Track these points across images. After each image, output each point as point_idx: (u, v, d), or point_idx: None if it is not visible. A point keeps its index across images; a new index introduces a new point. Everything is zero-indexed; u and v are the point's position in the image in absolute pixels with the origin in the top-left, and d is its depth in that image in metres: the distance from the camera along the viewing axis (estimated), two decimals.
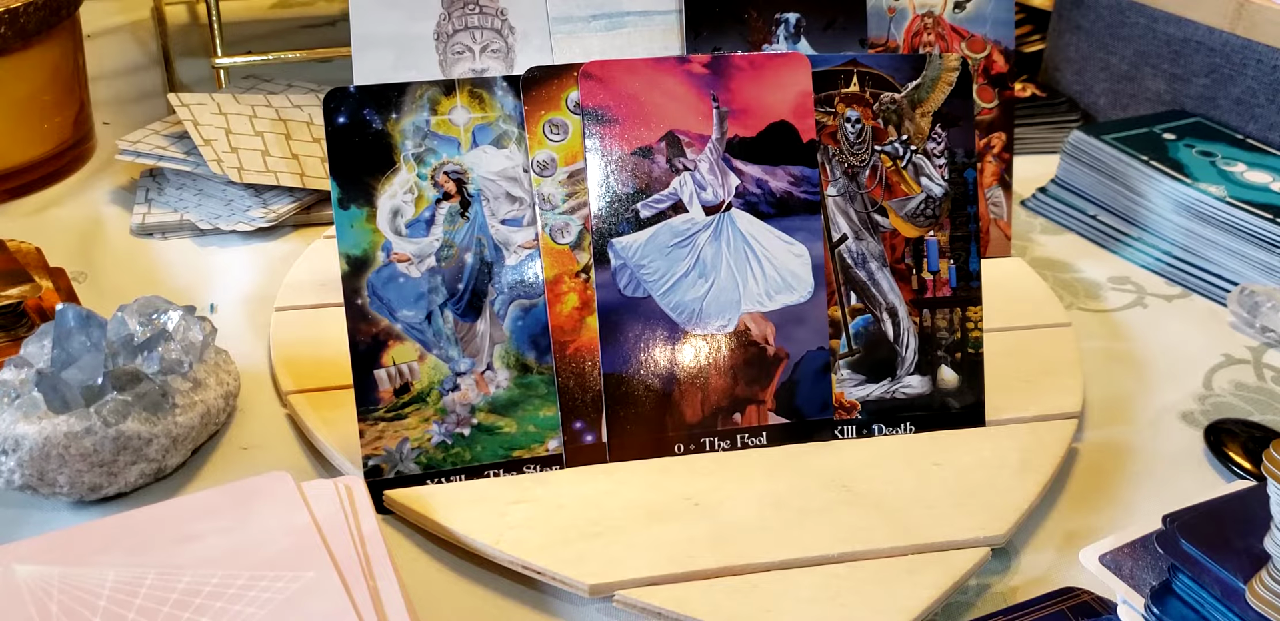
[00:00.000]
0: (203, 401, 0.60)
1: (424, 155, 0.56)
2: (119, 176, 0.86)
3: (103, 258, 0.78)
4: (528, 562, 0.52)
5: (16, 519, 0.58)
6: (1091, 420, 0.65)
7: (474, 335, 0.58)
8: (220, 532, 0.50)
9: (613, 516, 0.55)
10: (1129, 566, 0.47)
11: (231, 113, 0.84)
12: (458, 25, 0.72)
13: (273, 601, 0.47)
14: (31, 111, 0.82)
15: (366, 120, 0.56)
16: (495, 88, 0.57)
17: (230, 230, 0.79)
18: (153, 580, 0.48)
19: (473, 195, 0.57)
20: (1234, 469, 0.61)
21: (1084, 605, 0.51)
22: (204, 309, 0.73)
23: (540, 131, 0.57)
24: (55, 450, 0.55)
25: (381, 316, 0.56)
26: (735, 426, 0.59)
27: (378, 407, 0.57)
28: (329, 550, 0.49)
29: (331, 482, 0.53)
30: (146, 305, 0.60)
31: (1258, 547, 0.43)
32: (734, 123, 0.58)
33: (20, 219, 0.82)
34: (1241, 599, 0.42)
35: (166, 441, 0.58)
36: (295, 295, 0.72)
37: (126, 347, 0.58)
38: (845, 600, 0.51)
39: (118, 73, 1.00)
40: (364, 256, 0.56)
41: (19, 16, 0.78)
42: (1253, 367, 0.70)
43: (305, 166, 0.81)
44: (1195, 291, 0.77)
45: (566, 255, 0.58)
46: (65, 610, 0.46)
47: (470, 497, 0.56)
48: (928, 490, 0.57)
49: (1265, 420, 0.66)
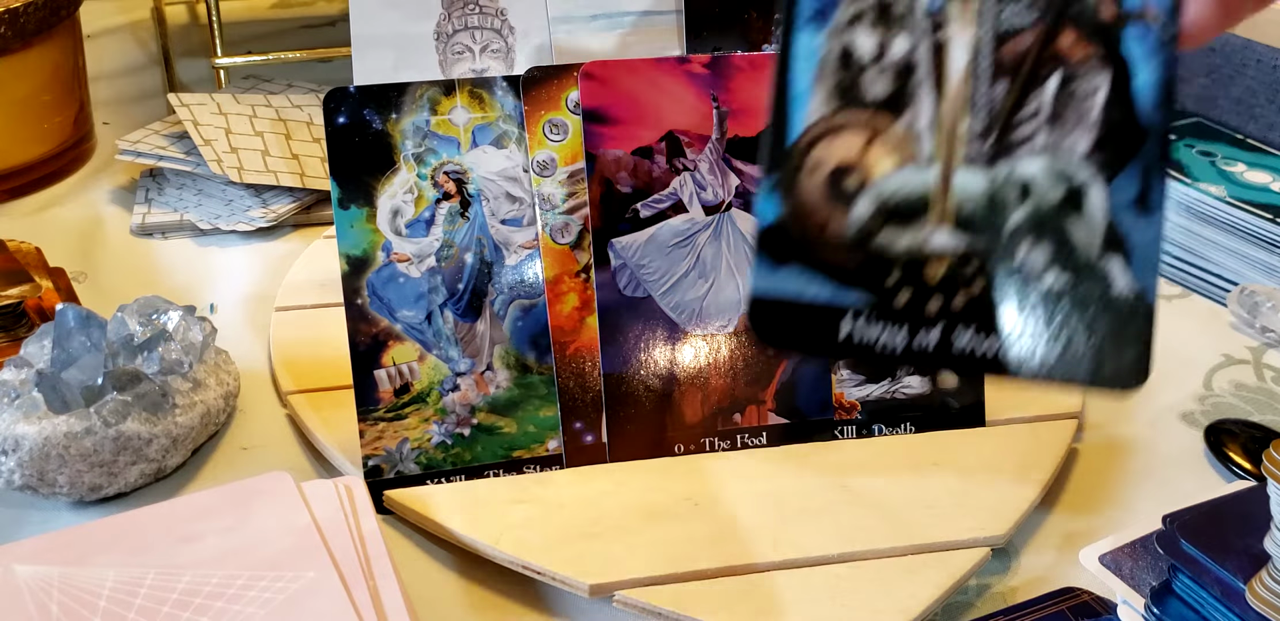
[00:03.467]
0: (203, 401, 0.60)
1: (424, 155, 0.56)
2: (119, 176, 0.86)
3: (103, 258, 0.78)
4: (528, 563, 0.52)
5: (16, 519, 0.57)
6: (1091, 420, 0.65)
7: (474, 335, 0.58)
8: (220, 533, 0.50)
9: (613, 516, 0.55)
10: (1129, 566, 0.47)
11: (231, 113, 0.84)
12: (458, 25, 0.72)
13: (273, 601, 0.47)
14: (31, 111, 0.82)
15: (366, 120, 0.56)
16: (495, 88, 0.57)
17: (230, 230, 0.79)
18: (153, 580, 0.48)
19: (473, 195, 0.57)
20: (1234, 469, 0.61)
21: (1084, 605, 0.51)
22: (204, 309, 0.73)
23: (540, 131, 0.57)
24: (55, 450, 0.55)
25: (381, 316, 0.56)
26: (735, 426, 0.59)
27: (378, 408, 0.57)
28: (329, 550, 0.49)
29: (331, 482, 0.53)
30: (146, 305, 0.60)
31: (1258, 547, 0.43)
32: (734, 123, 0.58)
33: (20, 219, 0.82)
34: (1242, 599, 0.42)
35: (166, 441, 0.58)
36: (295, 295, 0.71)
37: (126, 348, 0.58)
38: (845, 600, 0.51)
39: (117, 73, 1.00)
40: (364, 256, 0.56)
41: (19, 16, 0.78)
42: (1253, 368, 0.70)
43: (305, 166, 0.81)
44: (1195, 291, 0.77)
45: (566, 255, 0.58)
46: (65, 610, 0.46)
47: (470, 498, 0.56)
48: (928, 490, 0.57)
49: (1265, 420, 0.66)
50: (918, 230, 0.33)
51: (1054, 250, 0.33)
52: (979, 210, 0.33)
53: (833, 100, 0.33)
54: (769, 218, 0.33)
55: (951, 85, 0.33)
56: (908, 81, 0.33)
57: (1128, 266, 0.33)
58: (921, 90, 0.33)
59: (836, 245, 0.33)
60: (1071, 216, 0.33)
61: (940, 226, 0.33)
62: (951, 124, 0.33)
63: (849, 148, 0.33)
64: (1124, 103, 0.33)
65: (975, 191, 0.33)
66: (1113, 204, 0.33)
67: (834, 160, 0.33)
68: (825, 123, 0.33)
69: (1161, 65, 0.33)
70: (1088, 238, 0.33)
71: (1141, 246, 0.33)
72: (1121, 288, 0.33)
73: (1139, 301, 0.33)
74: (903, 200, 0.33)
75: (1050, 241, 0.33)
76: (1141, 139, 0.33)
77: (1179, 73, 0.34)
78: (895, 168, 0.33)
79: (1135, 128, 0.33)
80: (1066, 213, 0.33)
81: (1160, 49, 0.33)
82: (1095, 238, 0.33)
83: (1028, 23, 0.33)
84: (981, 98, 0.33)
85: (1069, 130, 0.33)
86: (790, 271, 0.33)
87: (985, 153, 0.33)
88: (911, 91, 0.33)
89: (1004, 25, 0.33)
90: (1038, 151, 0.33)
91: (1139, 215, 0.33)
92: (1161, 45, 0.33)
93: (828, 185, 0.33)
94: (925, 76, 0.33)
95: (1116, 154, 0.33)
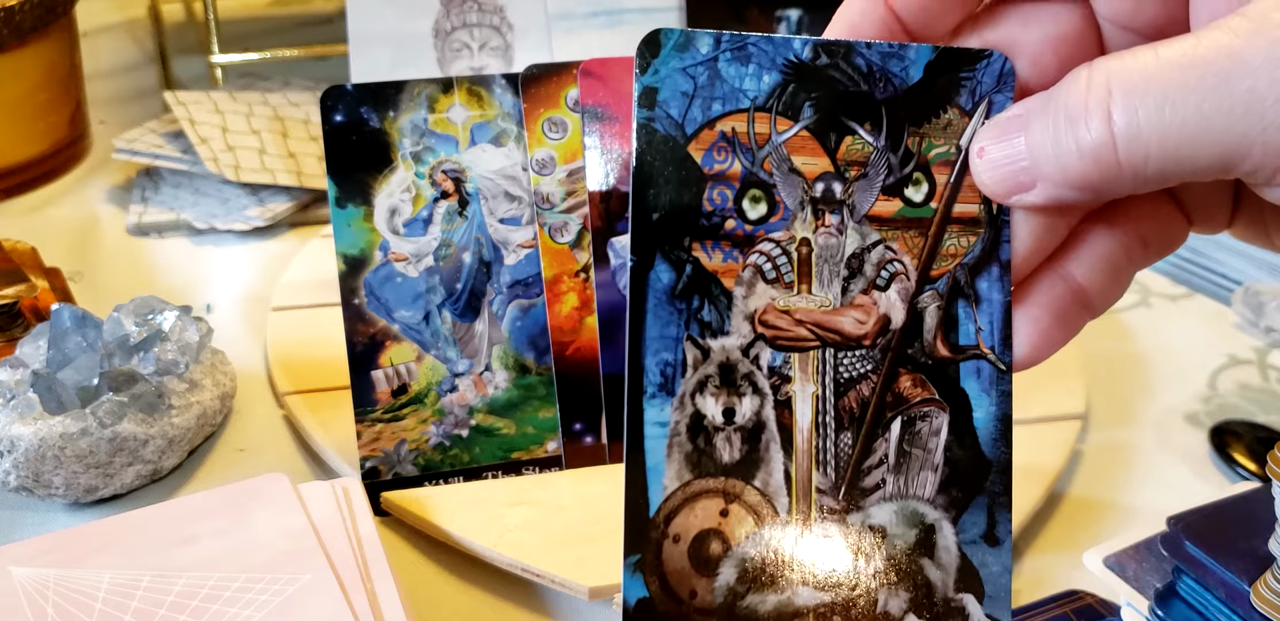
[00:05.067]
0: (199, 402, 0.59)
1: (422, 154, 0.56)
2: (115, 175, 0.86)
3: (98, 257, 0.78)
4: (527, 565, 0.52)
5: (12, 521, 0.57)
6: (1095, 421, 0.65)
7: (472, 335, 0.57)
8: (216, 534, 0.50)
9: (612, 518, 0.54)
10: (1133, 568, 0.47)
11: (228, 111, 0.83)
12: (456, 22, 0.71)
13: (269, 603, 0.46)
14: (27, 110, 0.82)
15: (364, 118, 0.55)
16: (494, 85, 0.57)
17: (227, 229, 0.79)
18: (149, 582, 0.47)
19: (471, 194, 0.57)
20: (1239, 470, 0.61)
21: (1088, 607, 0.51)
22: (200, 309, 0.72)
23: (539, 130, 0.57)
24: (51, 451, 0.55)
25: (379, 316, 0.56)
26: None
27: (375, 409, 0.56)
28: (326, 552, 0.49)
29: (328, 484, 0.53)
30: (142, 305, 0.60)
31: (1262, 549, 0.43)
32: None
33: (15, 218, 0.81)
34: (1246, 600, 0.42)
35: (162, 442, 0.57)
36: (292, 295, 0.71)
37: (122, 348, 0.58)
38: None
39: (114, 71, 1.00)
40: (361, 256, 0.56)
41: (14, 14, 0.77)
42: (1257, 368, 0.70)
43: (302, 165, 0.81)
44: (1199, 291, 0.77)
45: (566, 255, 0.58)
46: (61, 612, 0.46)
47: (469, 499, 0.56)
48: None
49: (1270, 421, 0.65)
50: (781, 592, 0.33)
51: (911, 594, 0.34)
52: (839, 565, 0.33)
53: (686, 470, 0.33)
54: (635, 595, 0.33)
55: (800, 441, 0.34)
56: (758, 442, 0.34)
57: (980, 601, 0.34)
58: (771, 449, 0.34)
59: (704, 615, 0.33)
60: (925, 558, 0.34)
61: (802, 586, 0.33)
62: (805, 479, 0.34)
63: (707, 516, 0.33)
64: (966, 438, 0.34)
65: (832, 546, 0.34)
66: (961, 540, 0.34)
67: (694, 529, 0.33)
68: (682, 492, 0.33)
69: (998, 399, 0.34)
70: (942, 577, 0.34)
71: (991, 579, 0.34)
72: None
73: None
74: (763, 564, 0.33)
75: (908, 585, 0.34)
76: (986, 473, 0.34)
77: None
78: (754, 530, 0.33)
79: (979, 463, 0.34)
80: (920, 555, 0.34)
81: (996, 382, 0.34)
82: (949, 576, 0.34)
83: (867, 370, 0.34)
84: (829, 450, 0.34)
85: (915, 472, 0.34)
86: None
87: (838, 506, 0.34)
88: (762, 452, 0.34)
89: (843, 375, 0.34)
90: (887, 498, 0.34)
91: (988, 549, 0.34)
92: (998, 377, 0.34)
93: (690, 554, 0.33)
94: (773, 435, 0.34)
95: (962, 491, 0.34)
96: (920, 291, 0.34)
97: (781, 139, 0.33)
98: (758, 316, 0.34)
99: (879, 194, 0.34)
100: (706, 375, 0.34)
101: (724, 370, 0.33)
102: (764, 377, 0.34)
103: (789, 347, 0.34)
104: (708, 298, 0.34)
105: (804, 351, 0.34)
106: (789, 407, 0.34)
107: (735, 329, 0.34)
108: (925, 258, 0.34)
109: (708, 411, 0.33)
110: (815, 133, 0.33)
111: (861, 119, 0.33)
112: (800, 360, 0.34)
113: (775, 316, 0.34)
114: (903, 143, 0.33)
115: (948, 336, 0.34)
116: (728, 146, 0.33)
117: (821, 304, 0.34)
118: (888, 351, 0.34)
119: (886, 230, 0.34)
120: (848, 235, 0.34)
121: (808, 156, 0.33)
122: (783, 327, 0.34)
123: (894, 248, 0.34)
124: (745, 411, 0.34)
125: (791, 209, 0.34)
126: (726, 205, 0.33)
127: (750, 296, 0.34)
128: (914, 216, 0.34)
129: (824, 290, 0.34)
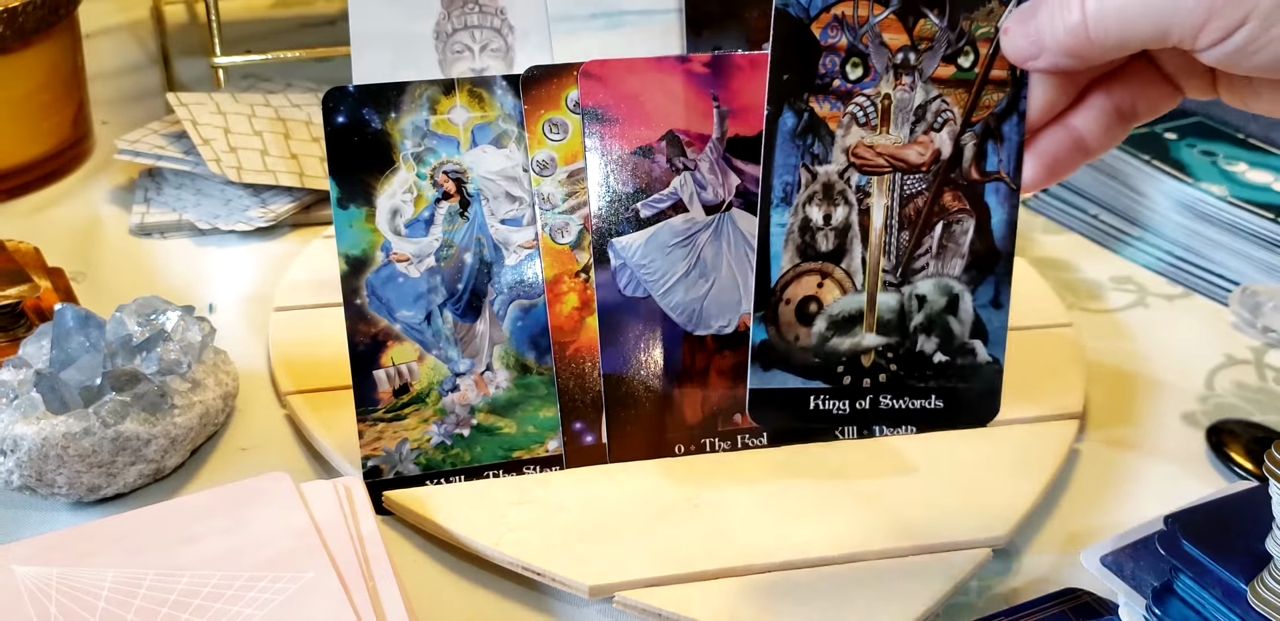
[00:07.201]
0: (201, 402, 0.60)
1: (423, 155, 0.56)
2: (117, 176, 0.86)
3: (101, 257, 0.78)
4: (528, 564, 0.52)
5: (15, 519, 0.57)
6: (1093, 420, 0.65)
7: (473, 335, 0.57)
8: (219, 533, 0.50)
9: (613, 517, 0.55)
10: (1130, 567, 0.47)
11: (230, 112, 0.83)
12: (457, 24, 0.71)
13: (271, 602, 0.47)
14: (30, 111, 0.82)
15: (365, 120, 0.55)
16: (495, 87, 0.57)
17: (229, 230, 0.79)
18: (151, 581, 0.48)
19: (472, 195, 0.57)
20: (1236, 469, 0.61)
21: (1085, 606, 0.51)
22: (203, 309, 0.73)
23: (540, 131, 0.57)
24: (54, 451, 0.55)
25: (380, 316, 0.56)
26: (736, 427, 0.59)
27: (377, 408, 0.56)
28: (328, 551, 0.49)
29: (330, 483, 0.53)
30: (145, 305, 0.60)
31: (1259, 548, 0.43)
32: (734, 122, 0.58)
33: (18, 219, 0.82)
34: (1243, 599, 0.42)
35: (165, 442, 0.58)
36: (294, 295, 0.71)
37: (125, 348, 0.58)
38: (845, 600, 0.51)
39: (116, 72, 1.00)
40: (363, 256, 0.56)
41: (17, 16, 0.78)
42: (1254, 368, 0.70)
43: (304, 166, 0.81)
44: (1197, 291, 0.77)
45: (566, 255, 0.58)
46: (64, 610, 0.46)
47: (470, 498, 0.56)
48: (928, 490, 0.57)
49: (1267, 420, 0.65)
50: (854, 336, 0.48)
51: (940, 339, 0.49)
52: (893, 319, 0.48)
53: (796, 256, 0.48)
54: (759, 337, 0.48)
55: (873, 237, 0.48)
56: (845, 238, 0.48)
57: (986, 344, 0.49)
58: (854, 243, 0.48)
59: (804, 350, 0.48)
60: (951, 316, 0.49)
61: (868, 332, 0.48)
62: (874, 264, 0.48)
63: (809, 286, 0.48)
64: (985, 236, 0.48)
65: (889, 307, 0.49)
66: (976, 305, 0.49)
67: (799, 295, 0.48)
68: (793, 271, 0.48)
69: (1009, 209, 0.48)
70: (961, 329, 0.49)
71: (994, 331, 0.49)
72: (983, 358, 0.49)
73: (994, 365, 0.49)
74: (844, 318, 0.48)
75: (938, 333, 0.49)
76: (996, 260, 0.49)
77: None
78: (839, 296, 0.48)
79: (992, 253, 0.49)
80: (947, 314, 0.49)
81: (1008, 198, 0.48)
82: (966, 328, 0.49)
83: (922, 188, 0.48)
84: (892, 244, 0.48)
85: (949, 259, 0.49)
86: (774, 373, 0.48)
87: (895, 281, 0.48)
88: (847, 244, 0.48)
89: (906, 191, 0.48)
90: (929, 276, 0.48)
91: (994, 311, 0.49)
92: (1010, 194, 0.48)
93: (796, 312, 0.48)
94: (856, 233, 0.48)
95: (979, 271, 0.49)
96: (963, 132, 0.47)
97: (875, 20, 0.46)
98: (851, 150, 0.47)
99: (940, 61, 0.47)
100: (814, 191, 0.47)
101: (826, 188, 0.47)
102: (852, 193, 0.47)
103: (871, 172, 0.47)
104: (818, 136, 0.47)
105: (880, 175, 0.47)
106: (868, 214, 0.48)
107: (835, 159, 0.47)
108: (968, 108, 0.47)
109: (813, 216, 0.47)
110: (899, 16, 0.46)
111: (931, 6, 0.46)
112: (877, 181, 0.47)
113: (863, 150, 0.47)
114: (959, 24, 0.46)
115: (979, 165, 0.47)
116: (838, 26, 0.46)
117: (895, 141, 0.47)
118: (937, 175, 0.47)
119: (943, 88, 0.47)
120: (916, 91, 0.47)
121: (893, 33, 0.46)
122: (868, 158, 0.47)
123: (947, 101, 0.47)
124: (838, 216, 0.47)
125: (879, 72, 0.47)
126: (835, 69, 0.46)
127: (847, 136, 0.47)
128: (962, 78, 0.47)
129: (898, 131, 0.47)
